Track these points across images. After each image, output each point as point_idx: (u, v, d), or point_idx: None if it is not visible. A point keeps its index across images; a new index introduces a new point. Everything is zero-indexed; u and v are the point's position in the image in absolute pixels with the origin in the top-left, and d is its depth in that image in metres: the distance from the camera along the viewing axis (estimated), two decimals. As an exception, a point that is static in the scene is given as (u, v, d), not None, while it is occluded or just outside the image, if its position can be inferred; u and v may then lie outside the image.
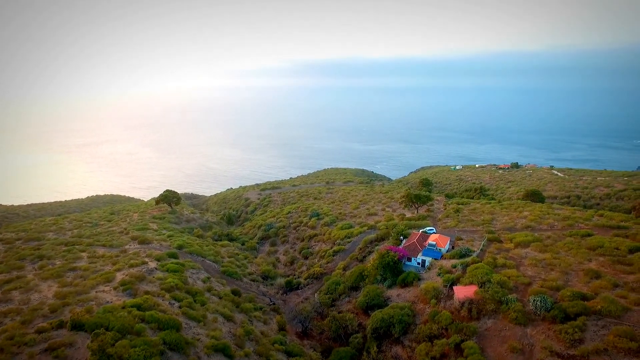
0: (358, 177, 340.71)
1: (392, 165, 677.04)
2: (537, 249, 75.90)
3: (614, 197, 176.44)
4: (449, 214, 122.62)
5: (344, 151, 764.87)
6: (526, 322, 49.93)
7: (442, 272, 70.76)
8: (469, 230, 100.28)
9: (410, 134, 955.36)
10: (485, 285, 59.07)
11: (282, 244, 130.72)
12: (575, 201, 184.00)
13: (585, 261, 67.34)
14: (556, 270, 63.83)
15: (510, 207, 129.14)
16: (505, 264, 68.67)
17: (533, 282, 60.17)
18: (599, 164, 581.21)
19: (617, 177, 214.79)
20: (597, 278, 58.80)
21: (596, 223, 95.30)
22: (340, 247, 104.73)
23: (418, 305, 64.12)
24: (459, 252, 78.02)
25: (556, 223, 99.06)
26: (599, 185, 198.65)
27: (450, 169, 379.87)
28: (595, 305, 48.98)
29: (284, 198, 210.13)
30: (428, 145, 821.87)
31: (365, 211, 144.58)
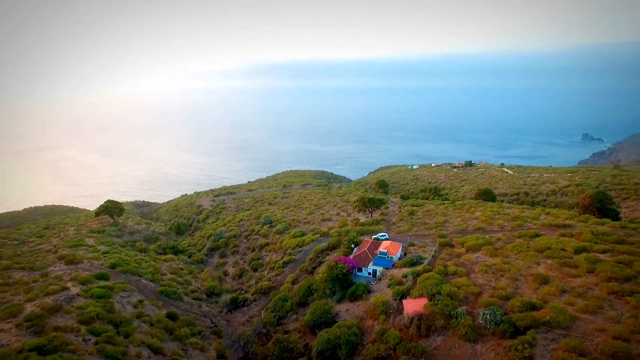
0: (317, 179, 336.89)
1: (352, 165, 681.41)
2: (487, 253, 74.29)
3: (559, 193, 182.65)
4: (403, 217, 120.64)
5: (303, 153, 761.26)
6: (476, 338, 46.91)
7: (393, 283, 67.21)
8: (421, 234, 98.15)
9: (369, 135, 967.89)
10: (435, 297, 55.88)
11: (232, 254, 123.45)
12: (524, 198, 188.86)
13: (533, 265, 66.10)
14: (506, 277, 61.92)
15: (462, 207, 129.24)
16: (456, 271, 66.13)
17: (483, 291, 57.71)
18: (544, 160, 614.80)
19: (561, 174, 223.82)
20: (546, 283, 57.23)
21: (543, 222, 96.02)
22: (291, 258, 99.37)
23: (367, 321, 60.00)
24: (410, 260, 74.97)
25: (506, 224, 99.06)
26: (545, 182, 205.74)
27: (408, 169, 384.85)
28: (545, 316, 46.79)
29: (237, 204, 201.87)
30: (386, 145, 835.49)
31: (320, 216, 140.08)
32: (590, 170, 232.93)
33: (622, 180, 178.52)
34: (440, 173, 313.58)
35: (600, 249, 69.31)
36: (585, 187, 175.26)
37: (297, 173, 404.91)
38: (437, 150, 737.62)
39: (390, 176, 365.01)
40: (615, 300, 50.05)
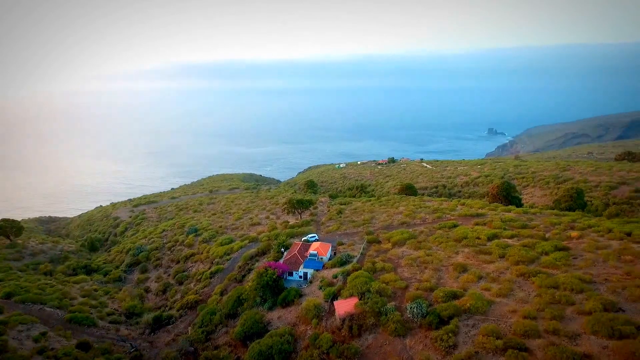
0: (245, 182, 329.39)
1: (281, 166, 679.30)
2: (412, 247, 77.34)
3: (471, 184, 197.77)
4: (332, 217, 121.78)
5: (230, 156, 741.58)
6: (405, 333, 48.05)
7: (324, 285, 66.89)
8: (350, 232, 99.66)
9: (296, 135, 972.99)
10: (365, 295, 56.43)
11: (154, 269, 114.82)
12: (442, 190, 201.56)
13: (453, 254, 70.07)
14: (429, 268, 64.72)
15: (387, 203, 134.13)
16: (384, 267, 67.73)
17: (410, 285, 59.62)
18: (457, 153, 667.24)
19: (472, 166, 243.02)
20: (465, 272, 60.78)
21: (460, 213, 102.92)
22: (219, 267, 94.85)
23: (300, 327, 58.81)
24: (340, 260, 75.39)
25: (427, 216, 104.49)
26: (459, 174, 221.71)
27: (335, 168, 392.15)
28: (465, 304, 49.42)
29: (160, 214, 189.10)
30: (313, 144, 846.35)
31: (249, 221, 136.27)
32: (496, 162, 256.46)
33: (522, 169, 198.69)
34: (366, 170, 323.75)
35: (508, 235, 75.76)
36: (493, 177, 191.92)
37: (224, 177, 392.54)
38: (362, 148, 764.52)
39: (319, 175, 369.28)
40: (524, 282, 54.56)
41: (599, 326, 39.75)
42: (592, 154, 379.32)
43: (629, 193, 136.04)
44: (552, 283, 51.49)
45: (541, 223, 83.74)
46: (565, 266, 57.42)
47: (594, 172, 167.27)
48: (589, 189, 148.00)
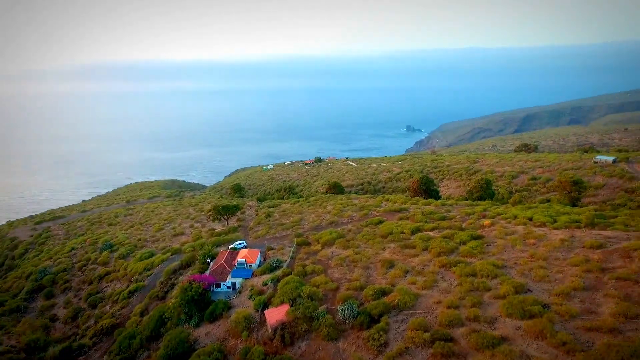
0: (167, 189, 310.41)
1: (206, 171, 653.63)
2: (341, 246, 77.75)
3: (394, 180, 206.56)
4: (260, 221, 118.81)
5: (149, 162, 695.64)
6: (338, 336, 47.58)
7: (254, 294, 64.26)
8: (279, 236, 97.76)
9: (220, 138, 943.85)
10: (297, 301, 55.07)
11: (62, 293, 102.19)
12: (368, 187, 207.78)
13: (380, 251, 71.67)
14: (359, 267, 65.36)
15: (316, 203, 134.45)
16: (315, 269, 67.03)
17: (340, 285, 59.54)
18: (379, 150, 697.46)
19: (394, 162, 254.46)
20: (392, 267, 62.29)
21: (385, 209, 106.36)
22: (139, 285, 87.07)
23: (230, 341, 55.65)
24: (269, 266, 73.15)
25: (354, 214, 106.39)
26: (382, 170, 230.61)
27: (263, 169, 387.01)
28: (394, 300, 50.39)
29: (68, 230, 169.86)
30: (239, 147, 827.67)
31: (171, 232, 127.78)
32: (415, 157, 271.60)
33: (438, 164, 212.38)
34: (294, 171, 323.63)
35: (430, 228, 79.64)
36: (413, 172, 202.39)
37: (143, 185, 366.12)
38: (289, 149, 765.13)
39: (246, 178, 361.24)
40: (446, 272, 57.29)
41: (512, 309, 42.70)
42: (495, 146, 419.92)
43: (527, 180, 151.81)
44: (471, 271, 54.67)
45: (458, 214, 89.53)
46: (481, 254, 61.50)
47: (498, 163, 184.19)
48: (495, 178, 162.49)
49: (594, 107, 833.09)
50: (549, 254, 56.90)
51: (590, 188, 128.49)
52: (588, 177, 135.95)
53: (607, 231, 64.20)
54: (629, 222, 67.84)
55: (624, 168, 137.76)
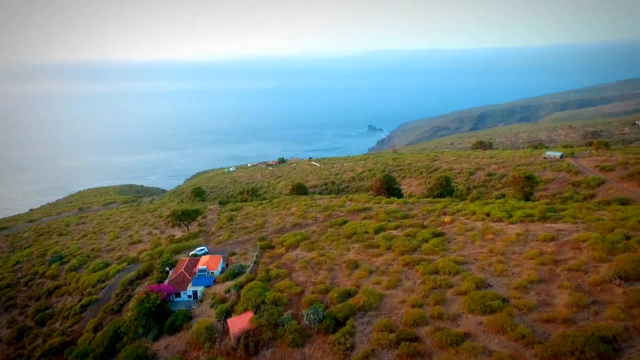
0: (124, 195, 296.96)
1: (166, 174, 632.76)
2: (305, 248, 76.76)
3: (357, 179, 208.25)
4: (222, 225, 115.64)
5: (105, 167, 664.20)
6: (303, 342, 46.58)
7: (216, 302, 61.97)
8: (242, 240, 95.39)
9: (180, 140, 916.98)
10: (261, 308, 53.53)
11: (5, 312, 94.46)
12: (332, 187, 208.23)
13: (345, 252, 71.39)
14: (324, 269, 64.68)
15: (279, 205, 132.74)
16: (279, 274, 65.64)
17: (305, 289, 58.57)
18: (342, 150, 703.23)
19: (357, 162, 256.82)
20: (356, 268, 62.08)
21: (348, 209, 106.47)
22: (92, 298, 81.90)
23: (191, 354, 53.21)
24: (232, 272, 70.94)
25: (318, 215, 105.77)
26: (346, 170, 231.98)
27: (225, 172, 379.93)
28: (359, 301, 50.07)
29: (12, 242, 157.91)
30: (200, 149, 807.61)
31: (128, 240, 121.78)
32: (377, 156, 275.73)
33: (400, 162, 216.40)
34: (257, 172, 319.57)
35: (393, 226, 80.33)
36: (376, 171, 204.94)
37: (98, 191, 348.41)
38: (252, 150, 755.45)
39: (208, 181, 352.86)
40: (409, 271, 57.75)
41: (474, 305, 43.47)
42: (453, 144, 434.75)
43: (484, 177, 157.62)
44: (433, 269, 55.39)
45: (419, 212, 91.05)
46: (442, 251, 62.58)
47: (456, 161, 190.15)
48: (454, 175, 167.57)
49: (541, 106, 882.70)
50: (506, 248, 58.74)
51: (541, 182, 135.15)
52: (539, 172, 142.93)
53: (558, 224, 67.26)
54: (577, 215, 71.49)
55: (570, 163, 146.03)
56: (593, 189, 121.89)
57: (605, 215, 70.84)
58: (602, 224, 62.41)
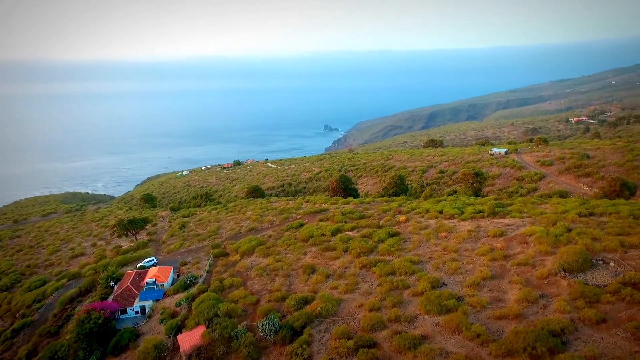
0: (67, 204, 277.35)
1: (114, 180, 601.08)
2: (261, 254, 74.36)
3: (314, 179, 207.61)
4: (174, 232, 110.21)
5: (45, 174, 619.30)
6: (259, 355, 44.42)
7: (165, 318, 58.14)
8: (195, 248, 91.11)
9: (130, 143, 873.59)
10: (213, 321, 50.64)
11: None
12: (289, 188, 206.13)
13: (302, 256, 69.83)
14: (280, 275, 62.71)
15: (235, 209, 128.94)
16: (233, 283, 62.84)
17: (261, 298, 56.32)
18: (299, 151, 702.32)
19: (313, 162, 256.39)
20: (313, 272, 60.72)
21: (305, 211, 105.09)
22: (26, 320, 74.44)
23: (138, 376, 49.30)
24: (183, 283, 67.14)
25: (275, 219, 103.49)
26: (302, 171, 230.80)
27: (178, 176, 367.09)
28: (316, 308, 48.66)
29: None
30: (150, 153, 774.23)
31: (69, 253, 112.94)
32: (333, 156, 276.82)
33: (355, 162, 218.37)
34: (211, 176, 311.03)
35: (349, 228, 79.87)
36: (332, 171, 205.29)
37: (37, 200, 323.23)
38: (205, 153, 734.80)
39: (159, 186, 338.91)
40: (366, 273, 57.22)
41: (430, 305, 43.46)
42: (406, 142, 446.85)
43: (436, 174, 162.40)
44: (390, 270, 55.19)
45: (375, 211, 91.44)
46: (398, 251, 62.73)
47: (409, 159, 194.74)
48: (408, 174, 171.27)
49: (486, 104, 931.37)
50: (459, 245, 59.85)
51: (489, 178, 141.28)
52: (486, 168, 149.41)
53: (506, 219, 69.79)
54: (522, 209, 74.65)
55: (514, 159, 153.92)
56: (535, 182, 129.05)
57: (548, 208, 74.57)
58: (546, 217, 65.50)
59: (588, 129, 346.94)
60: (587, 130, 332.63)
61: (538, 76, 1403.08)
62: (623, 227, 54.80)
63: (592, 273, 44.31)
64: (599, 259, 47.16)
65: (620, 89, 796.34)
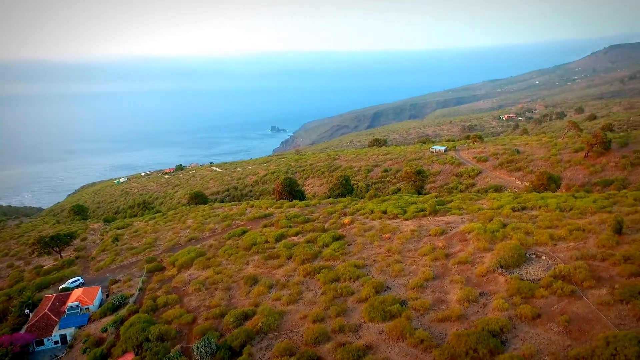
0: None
1: (44, 191, 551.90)
2: (200, 267, 69.67)
3: (260, 182, 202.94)
4: (105, 247, 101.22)
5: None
6: (194, 381, 40.63)
7: (89, 346, 52.12)
8: (128, 264, 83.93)
9: (57, 150, 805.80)
10: (143, 347, 45.96)
11: None
12: (234, 192, 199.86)
13: (244, 266, 66.27)
14: (220, 289, 58.80)
15: (174, 217, 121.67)
16: (167, 300, 57.94)
17: (198, 316, 52.19)
18: (246, 153, 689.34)
19: (259, 164, 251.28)
20: (255, 283, 57.55)
21: (249, 216, 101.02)
22: None
23: (54, 418, 43.35)
24: (111, 305, 60.94)
25: (217, 226, 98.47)
26: (248, 174, 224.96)
27: (115, 183, 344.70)
28: (257, 323, 45.67)
29: None
30: (84, 159, 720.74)
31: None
32: (280, 158, 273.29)
33: (302, 163, 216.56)
34: (152, 182, 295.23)
35: (294, 233, 77.33)
36: (279, 173, 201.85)
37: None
38: (145, 158, 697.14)
39: (94, 195, 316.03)
40: (310, 281, 55.08)
41: (374, 312, 42.18)
42: (352, 142, 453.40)
43: (381, 173, 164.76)
44: (334, 276, 53.46)
45: (320, 214, 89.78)
46: (342, 255, 61.28)
47: (355, 159, 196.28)
48: (354, 173, 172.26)
49: (426, 103, 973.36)
50: (402, 246, 59.60)
51: (431, 175, 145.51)
52: (427, 166, 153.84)
53: (446, 216, 71.01)
54: (461, 206, 76.55)
55: (453, 155, 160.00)
56: (473, 178, 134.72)
57: (485, 204, 77.14)
58: (483, 213, 67.40)
59: (517, 125, 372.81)
60: (516, 127, 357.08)
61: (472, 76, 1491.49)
62: (552, 220, 57.37)
63: (527, 267, 45.47)
64: (532, 253, 48.66)
65: (542, 88, 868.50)
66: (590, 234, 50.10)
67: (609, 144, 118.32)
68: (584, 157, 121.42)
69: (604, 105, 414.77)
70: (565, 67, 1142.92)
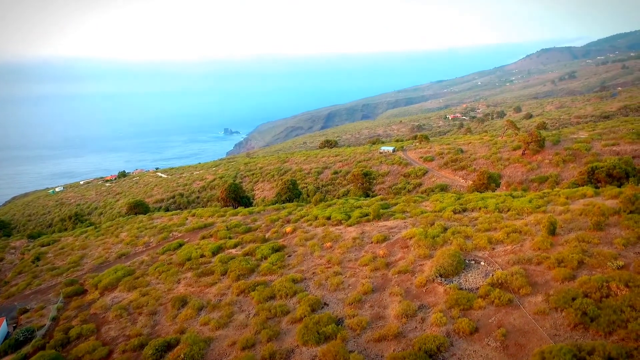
0: None
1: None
2: (126, 288, 62.87)
3: (208, 188, 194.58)
4: (23, 268, 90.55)
5: None
6: None
7: (-19, 394, 44.40)
8: (45, 287, 74.76)
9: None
10: (43, 392, 39.29)
11: None
12: (180, 199, 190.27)
13: (174, 285, 60.48)
14: (144, 314, 52.80)
15: (107, 231, 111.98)
16: (82, 331, 51.04)
17: (115, 348, 46.04)
18: (197, 157, 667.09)
19: (208, 169, 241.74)
20: (184, 305, 52.20)
21: (188, 227, 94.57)
22: None
23: None
24: (14, 341, 52.84)
25: (152, 239, 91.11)
26: (195, 179, 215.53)
27: (49, 193, 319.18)
28: (179, 354, 40.56)
29: None
30: (15, 167, 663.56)
31: None
32: (230, 162, 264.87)
33: (252, 166, 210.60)
34: (91, 191, 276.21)
35: (232, 244, 72.41)
36: (228, 178, 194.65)
37: None
38: (86, 165, 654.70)
39: (24, 208, 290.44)
40: (244, 300, 50.64)
41: (308, 334, 38.70)
42: (306, 143, 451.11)
43: (331, 175, 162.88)
44: (269, 293, 49.46)
45: (263, 222, 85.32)
46: (281, 268, 57.38)
47: (305, 161, 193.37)
48: (304, 176, 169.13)
49: (378, 104, 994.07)
50: (343, 256, 56.70)
51: (379, 176, 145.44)
52: (376, 167, 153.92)
53: (390, 221, 69.20)
54: (405, 209, 75.24)
55: (401, 156, 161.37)
56: (420, 178, 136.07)
57: (428, 206, 76.40)
58: (425, 217, 66.22)
59: (462, 124, 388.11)
60: (461, 126, 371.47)
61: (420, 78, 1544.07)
62: (490, 222, 56.96)
63: (466, 275, 44.01)
64: (471, 259, 47.45)
65: (484, 89, 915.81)
66: (526, 235, 49.79)
67: (543, 142, 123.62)
68: (521, 155, 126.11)
69: (539, 104, 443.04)
70: (504, 69, 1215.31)
